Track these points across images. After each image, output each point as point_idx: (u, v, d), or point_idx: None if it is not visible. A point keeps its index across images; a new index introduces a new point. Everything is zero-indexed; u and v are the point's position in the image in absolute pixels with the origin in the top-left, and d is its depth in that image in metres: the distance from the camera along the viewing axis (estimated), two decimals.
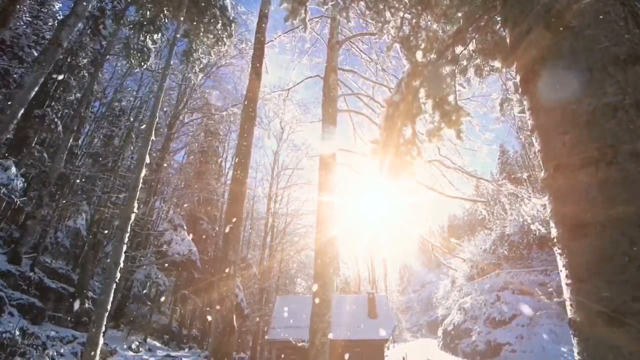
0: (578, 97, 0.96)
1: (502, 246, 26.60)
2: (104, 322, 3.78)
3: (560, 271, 0.97)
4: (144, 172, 4.84)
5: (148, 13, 6.35)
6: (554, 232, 1.01)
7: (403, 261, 74.46)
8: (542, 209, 8.34)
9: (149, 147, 5.03)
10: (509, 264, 24.72)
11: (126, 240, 4.37)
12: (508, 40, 1.32)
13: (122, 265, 4.19)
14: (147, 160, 5.03)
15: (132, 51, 6.49)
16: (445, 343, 25.11)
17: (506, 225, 26.32)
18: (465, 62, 1.93)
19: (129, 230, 4.49)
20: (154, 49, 6.78)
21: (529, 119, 1.18)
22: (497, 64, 1.88)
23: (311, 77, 10.72)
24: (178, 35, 5.99)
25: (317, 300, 5.65)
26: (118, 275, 4.13)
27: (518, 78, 1.25)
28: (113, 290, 3.97)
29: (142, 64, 6.84)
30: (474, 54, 1.88)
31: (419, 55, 1.87)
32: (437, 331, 29.55)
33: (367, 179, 8.93)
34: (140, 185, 4.83)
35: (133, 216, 4.59)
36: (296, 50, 12.25)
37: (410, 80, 1.73)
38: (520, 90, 1.25)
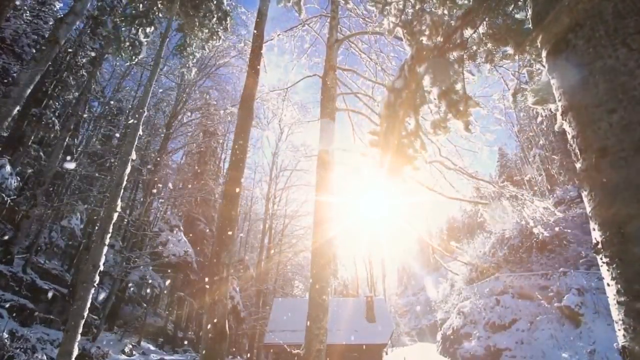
0: (629, 67, 0.77)
1: (502, 249, 26.45)
2: (80, 330, 3.55)
3: (608, 285, 0.77)
4: (129, 168, 4.63)
5: (141, 6, 6.17)
6: (597, 236, 0.81)
7: (402, 263, 74.40)
8: (544, 211, 8.15)
9: (136, 142, 4.81)
10: (508, 268, 24.54)
11: (107, 241, 4.13)
12: (530, 12, 1.13)
13: (102, 268, 3.97)
14: (134, 156, 4.82)
15: (123, 45, 6.30)
16: (444, 347, 24.86)
17: (505, 229, 26.17)
18: (475, 47, 1.75)
19: (110, 230, 4.25)
20: (146, 43, 6.60)
21: (559, 100, 0.99)
22: (509, 49, 1.70)
23: (310, 76, 10.54)
24: (171, 29, 5.82)
25: (313, 305, 5.45)
26: (97, 279, 3.90)
27: (544, 53, 1.06)
28: (91, 296, 3.75)
29: (134, 58, 6.64)
30: (484, 38, 1.70)
31: (423, 38, 1.69)
32: (436, 335, 29.32)
33: (366, 180, 8.76)
34: (125, 183, 4.62)
35: (116, 215, 4.36)
36: (295, 50, 12.11)
37: (414, 64, 1.55)
38: (547, 66, 1.06)
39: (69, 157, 19.57)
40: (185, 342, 24.29)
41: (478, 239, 29.57)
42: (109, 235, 4.19)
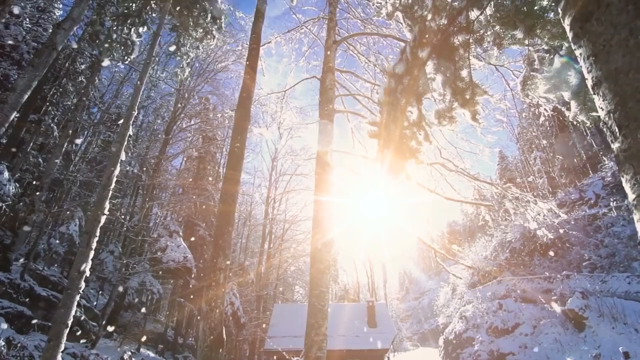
0: None
1: (504, 252, 26.25)
2: (64, 339, 3.39)
3: None
4: (117, 170, 4.49)
5: (134, 5, 6.09)
6: None
7: (403, 268, 74.24)
8: (548, 213, 8.01)
9: (125, 142, 4.68)
10: (510, 271, 24.32)
11: (94, 245, 3.98)
12: None
13: (88, 274, 3.81)
14: (123, 157, 4.68)
15: (114, 44, 6.20)
16: (446, 352, 24.53)
17: (507, 232, 26.00)
18: (481, 31, 1.62)
19: (97, 234, 4.10)
20: (138, 43, 6.51)
21: (588, 71, 0.86)
22: (519, 33, 1.57)
23: (308, 78, 10.50)
24: (164, 28, 5.75)
25: (312, 311, 5.29)
26: (83, 285, 3.74)
27: (568, 21, 0.93)
28: (75, 303, 3.58)
29: (126, 58, 6.55)
30: (491, 21, 1.57)
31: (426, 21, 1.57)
32: (439, 340, 28.98)
33: (366, 181, 8.63)
34: (113, 185, 4.47)
35: (103, 219, 4.21)
36: (293, 53, 12.08)
37: (415, 48, 1.42)
38: (571, 35, 0.93)
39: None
40: (185, 348, 24.02)
41: (479, 242, 29.39)
42: (95, 240, 4.03)
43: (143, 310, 19.95)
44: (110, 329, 16.84)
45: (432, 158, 8.18)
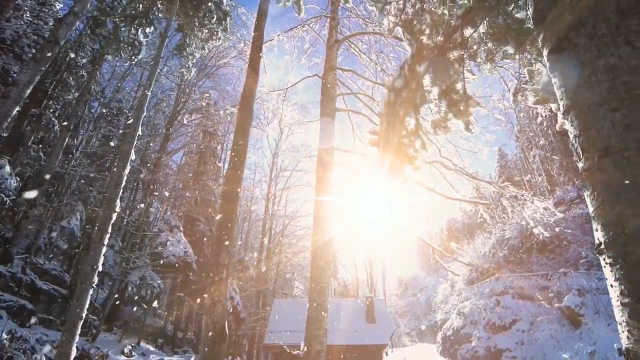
0: (632, 65, 0.76)
1: (502, 250, 26.42)
2: (78, 332, 3.53)
3: (611, 286, 0.76)
4: (128, 169, 4.60)
5: (141, 6, 6.16)
6: (599, 237, 0.80)
7: (402, 264, 74.63)
8: (544, 212, 8.15)
9: (135, 142, 4.79)
10: (508, 268, 24.51)
11: (106, 242, 4.10)
12: (531, 10, 1.12)
13: (100, 269, 3.95)
14: (133, 156, 4.80)
15: (122, 44, 6.29)
16: (444, 348, 24.82)
17: (505, 229, 26.16)
18: (475, 47, 1.73)
19: (109, 231, 4.23)
20: (145, 43, 6.60)
21: (560, 99, 0.98)
22: (510, 49, 1.69)
23: (310, 76, 10.56)
24: (171, 29, 5.83)
25: (312, 306, 5.43)
26: (96, 279, 3.88)
27: (545, 52, 1.05)
28: (89, 297, 3.72)
29: (133, 58, 6.65)
30: (484, 38, 1.69)
31: (423, 38, 1.68)
32: (437, 336, 29.27)
33: (366, 181, 8.75)
34: (124, 183, 4.59)
35: (115, 216, 4.34)
36: (295, 51, 12.12)
37: (414, 64, 1.54)
38: (548, 65, 1.05)
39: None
40: (185, 343, 24.26)
41: (478, 240, 29.54)
42: (107, 236, 4.16)
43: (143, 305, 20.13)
44: (110, 323, 17.02)
45: (431, 157, 8.29)
